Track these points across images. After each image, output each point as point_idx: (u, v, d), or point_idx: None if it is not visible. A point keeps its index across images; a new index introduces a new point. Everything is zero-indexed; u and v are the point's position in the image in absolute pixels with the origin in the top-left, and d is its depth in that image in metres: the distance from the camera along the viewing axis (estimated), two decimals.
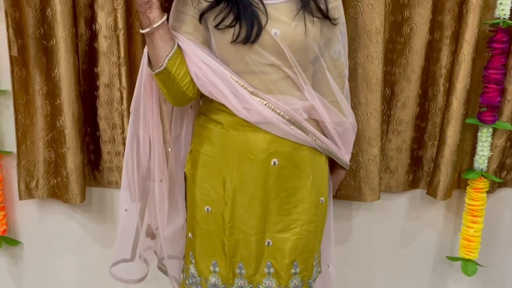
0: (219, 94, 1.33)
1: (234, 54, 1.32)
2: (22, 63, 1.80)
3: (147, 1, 1.23)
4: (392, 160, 1.98)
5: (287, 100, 1.36)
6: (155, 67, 1.32)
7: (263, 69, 1.33)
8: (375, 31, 1.73)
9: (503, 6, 1.73)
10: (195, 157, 1.46)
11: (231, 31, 1.29)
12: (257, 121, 1.35)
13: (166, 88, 1.36)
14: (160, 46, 1.28)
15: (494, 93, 1.81)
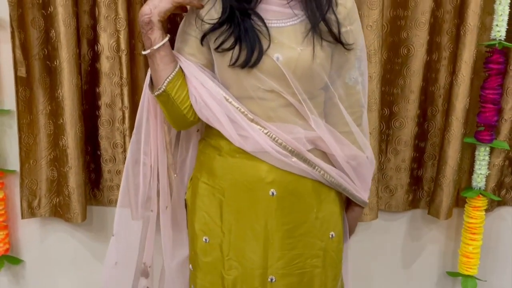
0: (214, 120, 1.27)
1: (234, 78, 1.26)
2: (26, 83, 1.83)
3: (148, 22, 1.21)
4: (391, 179, 2.00)
5: (288, 128, 1.27)
6: (155, 89, 1.28)
7: (262, 95, 1.26)
8: (373, 52, 1.76)
9: (499, 27, 1.76)
10: (194, 184, 1.40)
11: (230, 54, 1.23)
12: (253, 151, 1.27)
13: (167, 111, 1.32)
14: (160, 68, 1.25)
15: (491, 112, 1.84)
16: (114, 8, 1.74)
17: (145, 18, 1.20)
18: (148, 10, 1.20)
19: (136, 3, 1.78)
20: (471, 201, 1.93)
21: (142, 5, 1.71)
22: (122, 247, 1.51)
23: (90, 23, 1.82)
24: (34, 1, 1.76)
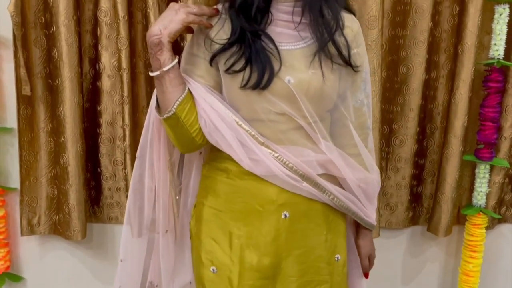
0: (224, 143, 1.21)
1: (244, 100, 1.21)
2: (28, 101, 1.84)
3: (158, 43, 1.14)
4: (392, 196, 2.00)
5: (299, 151, 1.23)
6: (163, 112, 1.21)
7: (273, 118, 1.22)
8: (372, 71, 1.77)
9: (497, 46, 1.78)
10: (199, 211, 1.32)
11: (241, 76, 1.19)
12: (263, 175, 1.22)
13: (174, 134, 1.25)
14: (169, 90, 1.18)
15: (490, 130, 1.84)
16: (115, 28, 1.76)
17: (155, 39, 1.14)
18: (158, 31, 1.14)
19: (138, 23, 1.80)
20: (471, 218, 1.93)
21: (143, 24, 1.76)
22: (125, 270, 1.46)
23: (92, 42, 1.84)
24: (37, 21, 1.78)
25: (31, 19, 1.78)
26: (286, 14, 1.19)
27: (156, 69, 1.18)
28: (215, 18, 1.22)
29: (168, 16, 1.15)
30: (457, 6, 1.82)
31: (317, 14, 1.18)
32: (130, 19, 1.77)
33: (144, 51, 1.82)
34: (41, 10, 1.78)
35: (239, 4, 1.17)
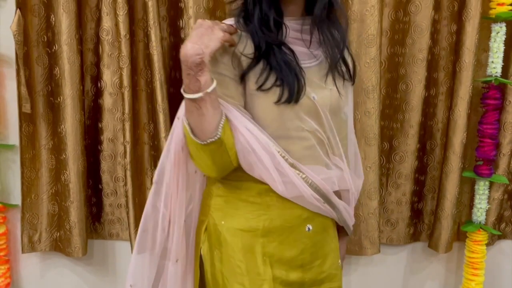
0: (258, 165, 1.17)
1: (276, 117, 1.19)
2: (30, 119, 1.86)
3: (200, 63, 1.05)
4: (392, 213, 2.00)
5: (319, 169, 1.25)
6: (205, 137, 1.12)
7: (301, 135, 1.21)
8: (371, 88, 1.79)
9: (494, 64, 1.79)
10: (216, 234, 1.26)
11: (275, 91, 1.16)
12: (292, 197, 1.21)
13: (212, 159, 1.16)
14: (210, 113, 1.10)
15: (489, 147, 1.85)
16: (117, 46, 1.78)
17: (197, 58, 1.05)
18: (200, 50, 1.05)
19: (139, 41, 1.82)
20: (471, 235, 1.93)
21: (144, 43, 1.78)
22: None
23: (94, 60, 1.86)
24: (39, 40, 1.80)
25: (34, 38, 1.80)
26: (296, 32, 1.20)
27: (195, 91, 1.08)
28: (235, 37, 1.17)
29: (205, 34, 1.07)
30: (455, 25, 1.84)
31: (327, 33, 1.20)
32: (131, 37, 1.79)
33: (146, 69, 1.84)
34: (44, 29, 1.80)
35: (258, 18, 1.16)
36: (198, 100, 1.08)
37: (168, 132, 1.79)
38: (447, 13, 1.84)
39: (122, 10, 1.72)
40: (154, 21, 1.72)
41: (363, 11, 1.74)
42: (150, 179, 1.92)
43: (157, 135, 1.82)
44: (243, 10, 1.20)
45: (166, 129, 1.79)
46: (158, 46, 1.74)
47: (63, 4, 1.71)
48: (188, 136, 1.14)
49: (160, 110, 1.78)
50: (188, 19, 1.76)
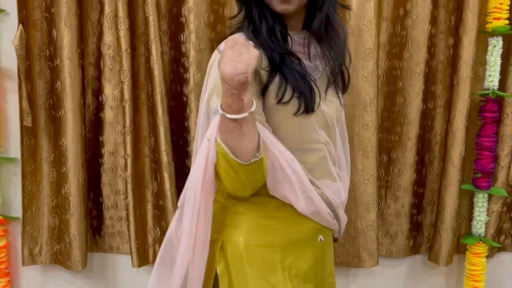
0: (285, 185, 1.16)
1: (295, 129, 1.19)
2: (31, 132, 1.87)
3: (244, 82, 1.01)
4: (391, 225, 2.01)
5: (328, 184, 1.26)
6: (247, 158, 1.09)
7: (317, 147, 1.23)
8: (369, 101, 1.81)
9: (491, 77, 1.81)
10: (234, 252, 1.23)
11: (294, 103, 1.16)
12: (310, 213, 1.22)
13: (249, 179, 1.13)
14: (251, 132, 1.07)
15: (487, 159, 1.86)
16: (118, 60, 1.81)
17: (242, 77, 1.01)
18: (245, 69, 1.01)
19: (140, 55, 1.84)
20: (471, 247, 1.93)
21: (145, 57, 1.81)
22: None
23: (95, 74, 1.89)
24: (41, 54, 1.83)
25: (36, 52, 1.83)
26: (299, 45, 1.22)
27: (238, 111, 1.04)
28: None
29: (244, 53, 1.03)
30: (452, 38, 1.86)
31: (327, 47, 1.22)
32: (132, 51, 1.81)
33: (147, 82, 1.86)
34: (46, 43, 1.83)
35: (266, 30, 1.17)
36: (240, 120, 1.05)
37: (168, 145, 1.81)
38: (444, 27, 1.87)
39: (123, 25, 1.74)
40: (155, 35, 1.74)
41: (361, 25, 1.77)
42: (150, 192, 1.93)
43: (158, 148, 1.84)
44: (249, 24, 1.21)
45: (167, 142, 1.80)
46: (159, 60, 1.76)
47: (65, 19, 1.74)
48: (226, 157, 1.08)
49: (160, 124, 1.79)
50: (189, 34, 1.78)
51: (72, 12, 1.74)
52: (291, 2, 1.13)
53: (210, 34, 1.82)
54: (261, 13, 1.17)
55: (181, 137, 1.91)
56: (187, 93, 1.84)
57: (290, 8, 1.14)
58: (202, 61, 1.80)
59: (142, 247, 1.92)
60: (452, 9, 1.85)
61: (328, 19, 1.19)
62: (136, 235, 1.87)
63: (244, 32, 1.20)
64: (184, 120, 1.88)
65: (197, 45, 1.79)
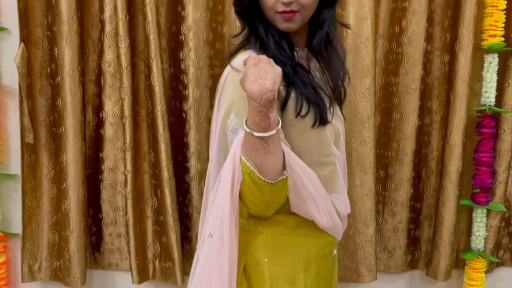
0: (308, 201, 1.16)
1: (313, 143, 1.19)
2: (32, 148, 1.89)
3: (272, 99, 1.01)
4: (389, 240, 2.01)
5: (338, 198, 1.28)
6: (274, 176, 1.07)
7: (330, 160, 1.24)
8: (366, 117, 1.82)
9: (488, 94, 1.83)
10: (258, 273, 1.21)
11: (310, 116, 1.16)
12: (329, 227, 1.23)
13: (274, 198, 1.12)
14: (278, 150, 1.06)
15: (485, 175, 1.88)
16: (119, 78, 1.83)
17: (271, 95, 1.00)
18: (272, 86, 1.00)
19: (140, 72, 1.87)
20: (470, 262, 1.94)
21: (145, 74, 1.83)
22: None
23: (96, 91, 1.91)
24: (42, 71, 1.85)
25: (37, 70, 1.85)
26: (303, 61, 1.24)
27: (265, 129, 1.03)
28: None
29: (269, 70, 1.03)
30: (448, 55, 1.88)
31: (327, 64, 1.24)
32: (133, 68, 1.84)
33: (147, 99, 1.88)
34: (47, 61, 1.85)
35: (274, 46, 1.18)
36: (267, 138, 1.04)
37: (169, 161, 1.82)
38: (439, 44, 1.89)
39: (124, 42, 1.77)
40: (155, 53, 1.76)
41: (358, 43, 1.79)
42: (150, 207, 1.94)
43: (158, 164, 1.85)
44: (256, 40, 1.21)
45: (168, 158, 1.82)
46: (160, 77, 1.78)
47: (66, 38, 1.76)
48: (251, 176, 1.06)
49: (161, 140, 1.81)
50: (188, 51, 1.81)
51: (73, 31, 1.77)
52: (294, 21, 1.15)
53: (209, 51, 1.84)
54: (267, 29, 1.19)
55: (180, 153, 1.93)
56: (186, 110, 1.86)
57: (293, 27, 1.16)
58: (201, 78, 1.83)
59: (142, 263, 1.93)
60: (448, 26, 1.87)
61: (328, 37, 1.21)
62: (136, 251, 1.88)
63: (253, 49, 1.21)
64: (184, 136, 1.89)
65: (196, 62, 1.81)
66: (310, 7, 1.16)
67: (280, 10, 1.14)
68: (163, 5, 1.84)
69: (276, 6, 1.14)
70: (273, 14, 1.16)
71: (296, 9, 1.14)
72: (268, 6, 1.15)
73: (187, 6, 1.78)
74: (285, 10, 1.13)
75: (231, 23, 1.82)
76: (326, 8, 1.19)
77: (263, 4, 1.16)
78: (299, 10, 1.14)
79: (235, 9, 1.22)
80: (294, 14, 1.14)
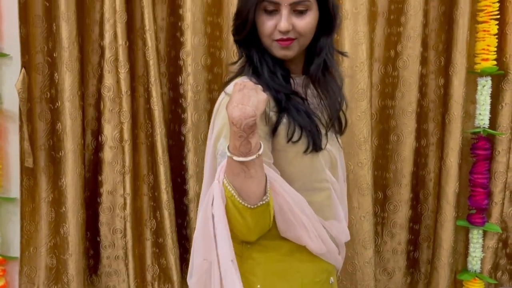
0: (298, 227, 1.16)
1: (305, 169, 1.19)
2: (31, 172, 1.90)
3: (253, 125, 1.02)
4: (388, 262, 2.02)
5: (334, 224, 1.26)
6: (254, 201, 1.07)
7: (324, 186, 1.23)
8: (363, 140, 1.85)
9: (482, 116, 1.86)
10: None
11: (303, 142, 1.17)
12: (323, 253, 1.21)
13: (255, 223, 1.10)
14: (259, 175, 1.06)
15: (481, 196, 1.89)
16: (118, 102, 1.85)
17: (251, 120, 1.02)
18: (253, 112, 1.02)
19: (140, 97, 1.89)
20: (467, 284, 1.94)
21: (145, 98, 1.85)
22: None
23: (95, 115, 1.93)
24: (42, 96, 1.87)
25: (37, 94, 1.87)
26: (300, 87, 1.24)
27: (246, 153, 1.04)
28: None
29: (252, 96, 1.04)
30: (442, 79, 1.92)
31: (324, 90, 1.24)
32: (132, 93, 1.86)
33: (146, 123, 1.90)
34: (47, 86, 1.87)
35: (268, 74, 1.19)
36: (247, 162, 1.04)
37: (168, 183, 1.84)
38: (434, 68, 1.93)
39: (123, 68, 1.80)
40: (155, 78, 1.79)
41: (353, 67, 1.83)
42: (149, 229, 1.95)
43: (158, 187, 1.86)
44: (250, 68, 1.22)
45: (167, 181, 1.83)
46: (159, 101, 1.80)
47: (66, 63, 1.79)
48: (232, 200, 1.07)
49: (161, 163, 1.83)
50: (186, 76, 1.84)
51: (73, 57, 1.79)
52: (291, 48, 1.16)
53: (207, 76, 1.87)
54: (262, 57, 1.20)
55: (179, 175, 1.94)
56: (185, 133, 1.88)
57: (290, 54, 1.17)
58: (199, 102, 1.85)
59: (141, 285, 1.93)
60: (442, 50, 1.91)
61: (326, 65, 1.22)
62: (135, 273, 1.88)
63: (247, 76, 1.22)
64: (182, 159, 1.91)
65: (194, 86, 1.84)
66: (308, 35, 1.16)
67: (277, 38, 1.15)
68: (162, 31, 1.88)
69: (273, 34, 1.15)
70: (270, 42, 1.17)
71: (293, 37, 1.15)
72: (265, 34, 1.16)
73: (186, 32, 1.81)
74: (282, 38, 1.14)
75: (229, 48, 1.85)
76: (324, 36, 1.20)
77: (261, 32, 1.17)
78: (297, 38, 1.15)
79: (234, 37, 1.23)
80: (292, 42, 1.15)
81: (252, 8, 1.13)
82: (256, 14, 1.15)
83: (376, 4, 1.91)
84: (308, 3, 1.13)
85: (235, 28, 1.21)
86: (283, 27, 1.12)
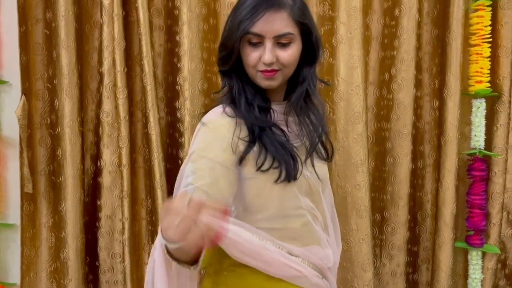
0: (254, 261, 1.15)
1: (276, 197, 1.19)
2: (31, 198, 1.91)
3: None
4: (388, 284, 2.01)
5: (315, 250, 1.25)
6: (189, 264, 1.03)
7: (299, 212, 1.22)
8: (360, 162, 1.86)
9: (477, 137, 1.87)
10: None
11: (273, 171, 1.16)
12: (291, 277, 1.19)
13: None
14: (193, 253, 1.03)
15: (479, 217, 1.90)
16: (117, 127, 1.87)
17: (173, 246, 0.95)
18: (177, 240, 0.91)
19: (138, 121, 1.92)
20: None
21: (143, 123, 1.88)
22: None
23: (94, 140, 1.95)
24: (42, 122, 1.90)
25: (37, 120, 1.89)
26: (281, 115, 1.24)
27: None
28: (231, 122, 1.17)
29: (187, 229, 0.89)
30: (437, 101, 1.94)
31: (305, 118, 1.24)
32: (130, 118, 1.88)
33: (144, 147, 1.92)
34: (47, 112, 1.90)
35: (244, 105, 1.19)
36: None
37: None
38: (428, 90, 1.95)
39: (122, 94, 1.82)
40: (152, 103, 1.82)
41: (349, 90, 1.85)
42: (147, 253, 1.95)
43: (155, 211, 1.87)
44: (229, 97, 1.24)
45: None
46: (156, 126, 1.83)
47: (66, 90, 1.81)
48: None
49: (158, 187, 1.84)
50: (184, 101, 1.86)
51: (73, 83, 1.82)
52: (275, 79, 1.18)
53: (204, 100, 1.90)
54: (241, 88, 1.21)
55: None
56: (182, 157, 1.90)
57: (274, 84, 1.19)
58: (196, 126, 1.86)
59: None
60: (436, 73, 1.94)
61: (308, 93, 1.23)
62: None
63: (224, 104, 1.22)
64: None
65: (191, 111, 1.86)
66: (291, 66, 1.18)
67: (262, 69, 1.16)
68: (160, 57, 1.91)
69: (258, 65, 1.16)
70: (254, 72, 1.18)
71: (277, 68, 1.16)
72: (250, 65, 1.17)
73: (183, 58, 1.84)
74: (267, 69, 1.16)
75: None
76: (307, 66, 1.22)
77: (246, 63, 1.19)
78: (280, 69, 1.17)
79: (219, 68, 1.25)
80: (275, 73, 1.17)
81: (238, 40, 1.15)
82: (241, 46, 1.17)
83: (370, 29, 1.95)
84: (292, 36, 1.15)
85: (220, 59, 1.22)
86: (267, 60, 1.14)
